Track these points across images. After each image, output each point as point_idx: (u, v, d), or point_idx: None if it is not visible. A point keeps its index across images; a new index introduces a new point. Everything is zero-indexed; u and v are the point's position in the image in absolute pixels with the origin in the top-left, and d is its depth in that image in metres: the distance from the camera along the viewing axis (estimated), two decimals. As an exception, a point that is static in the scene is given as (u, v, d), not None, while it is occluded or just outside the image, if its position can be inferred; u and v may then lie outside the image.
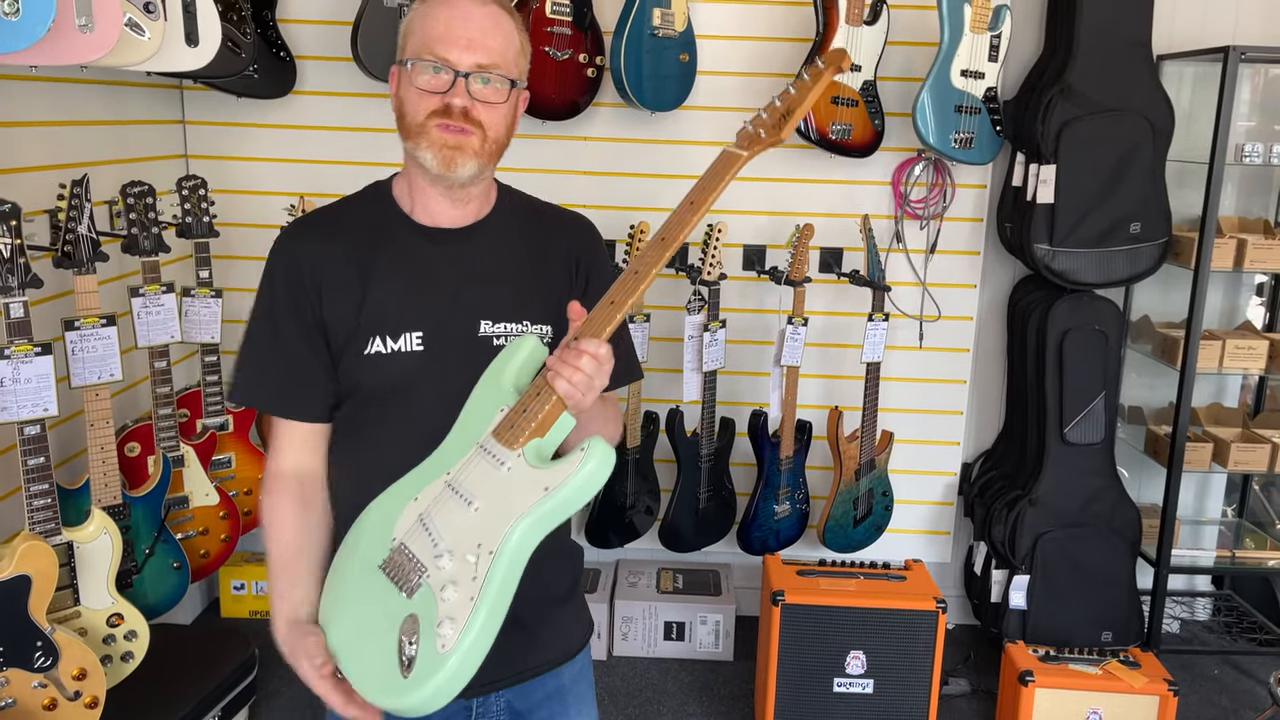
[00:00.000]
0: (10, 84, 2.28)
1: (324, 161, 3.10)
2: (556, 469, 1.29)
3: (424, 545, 1.36)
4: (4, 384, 1.93)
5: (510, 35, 1.42)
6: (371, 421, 1.44)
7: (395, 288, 1.45)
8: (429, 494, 1.39)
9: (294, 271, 1.43)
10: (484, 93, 1.38)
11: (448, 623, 1.28)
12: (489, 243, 1.48)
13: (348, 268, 1.43)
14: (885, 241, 3.17)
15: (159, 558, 2.41)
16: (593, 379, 1.28)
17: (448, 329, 1.43)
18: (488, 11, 1.40)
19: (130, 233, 2.42)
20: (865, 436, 3.10)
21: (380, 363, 1.42)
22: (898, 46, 2.98)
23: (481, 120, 1.38)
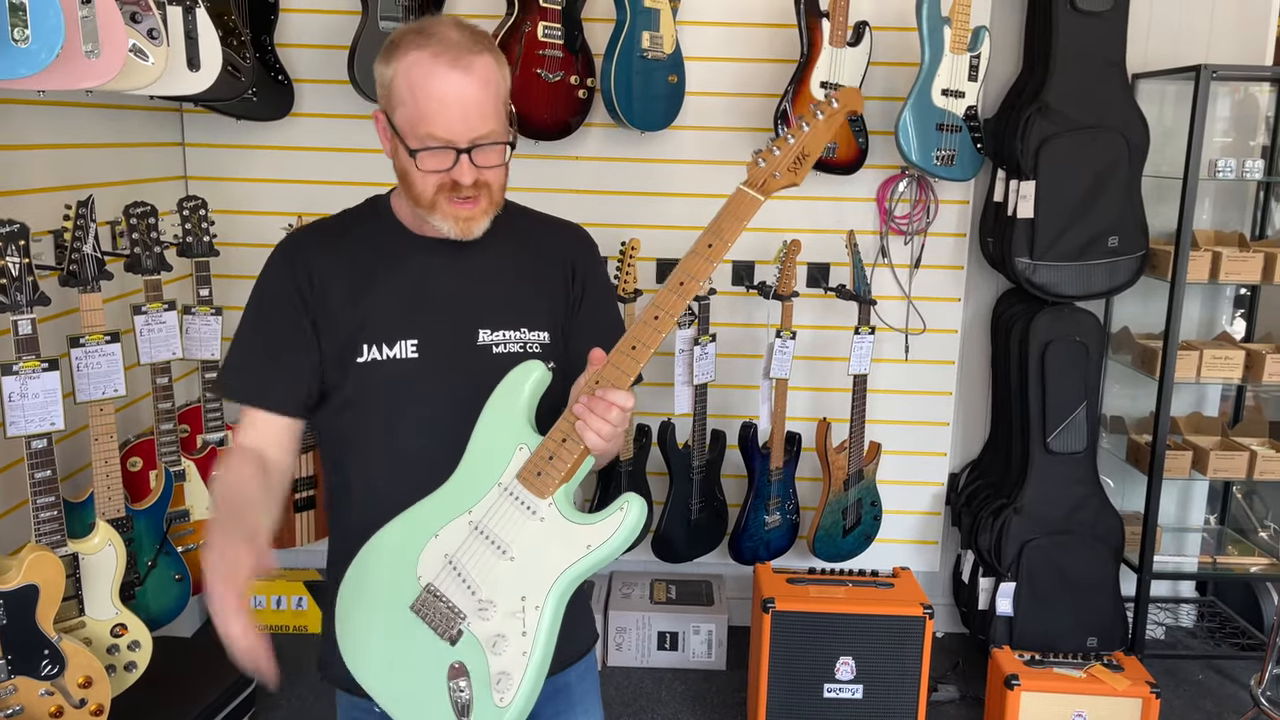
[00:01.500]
0: (18, 108, 2.34)
1: (321, 182, 3.17)
2: (597, 527, 1.35)
3: (459, 592, 1.40)
4: (12, 399, 1.98)
5: (496, 89, 1.41)
6: (367, 430, 1.47)
7: (391, 297, 1.48)
8: (453, 535, 1.42)
9: (289, 277, 1.46)
10: (485, 159, 1.40)
11: (503, 679, 1.36)
12: (494, 251, 1.51)
13: (345, 277, 1.47)
14: (870, 256, 3.24)
15: (161, 570, 2.46)
16: (619, 430, 1.33)
17: (444, 336, 1.47)
18: (473, 78, 1.38)
19: (133, 252, 2.48)
20: (853, 447, 3.16)
21: (374, 370, 1.45)
22: (880, 67, 3.06)
23: (487, 182, 1.42)
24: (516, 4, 2.82)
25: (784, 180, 1.36)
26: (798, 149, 1.35)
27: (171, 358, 2.56)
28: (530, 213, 1.63)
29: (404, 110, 1.39)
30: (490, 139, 1.39)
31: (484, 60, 1.40)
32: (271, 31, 3.01)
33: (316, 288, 1.46)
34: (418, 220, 1.49)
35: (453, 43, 1.39)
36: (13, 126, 2.35)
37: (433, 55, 1.37)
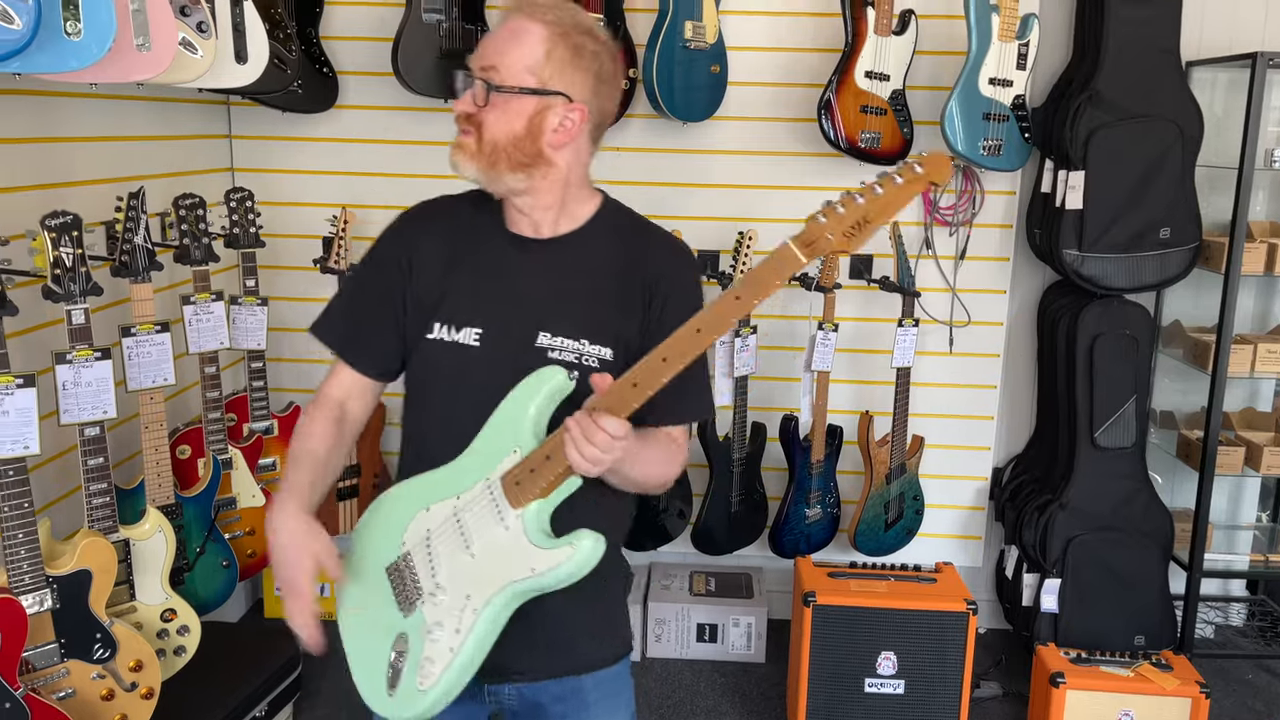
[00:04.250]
0: (71, 101, 2.38)
1: (365, 173, 3.19)
2: (545, 554, 1.37)
3: (424, 569, 1.46)
4: (66, 388, 2.02)
5: (531, 43, 1.42)
6: (425, 401, 1.54)
7: (469, 283, 1.51)
8: (438, 514, 1.47)
9: (395, 245, 1.55)
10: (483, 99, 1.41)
11: (427, 664, 1.41)
12: (571, 256, 1.51)
13: (439, 255, 1.53)
14: (915, 248, 3.20)
15: (209, 556, 2.50)
16: (604, 455, 1.31)
17: (506, 332, 1.48)
18: (508, 25, 1.44)
19: (182, 243, 2.52)
20: (895, 441, 3.13)
21: (438, 349, 1.50)
22: (926, 56, 3.03)
23: (480, 121, 1.42)
24: (559, -5, 2.82)
25: (836, 245, 1.24)
26: (859, 214, 1.22)
27: (219, 347, 2.59)
28: (630, 219, 1.58)
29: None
30: (488, 75, 1.42)
31: (532, 23, 1.43)
32: (317, 24, 3.03)
33: (415, 262, 1.53)
34: (508, 213, 1.52)
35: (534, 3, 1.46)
36: (66, 119, 2.39)
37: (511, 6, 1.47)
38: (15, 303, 1.89)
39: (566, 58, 1.43)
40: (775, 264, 1.26)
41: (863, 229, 1.23)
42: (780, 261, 1.26)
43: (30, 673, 1.87)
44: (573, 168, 1.48)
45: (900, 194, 1.22)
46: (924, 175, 1.21)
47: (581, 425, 1.32)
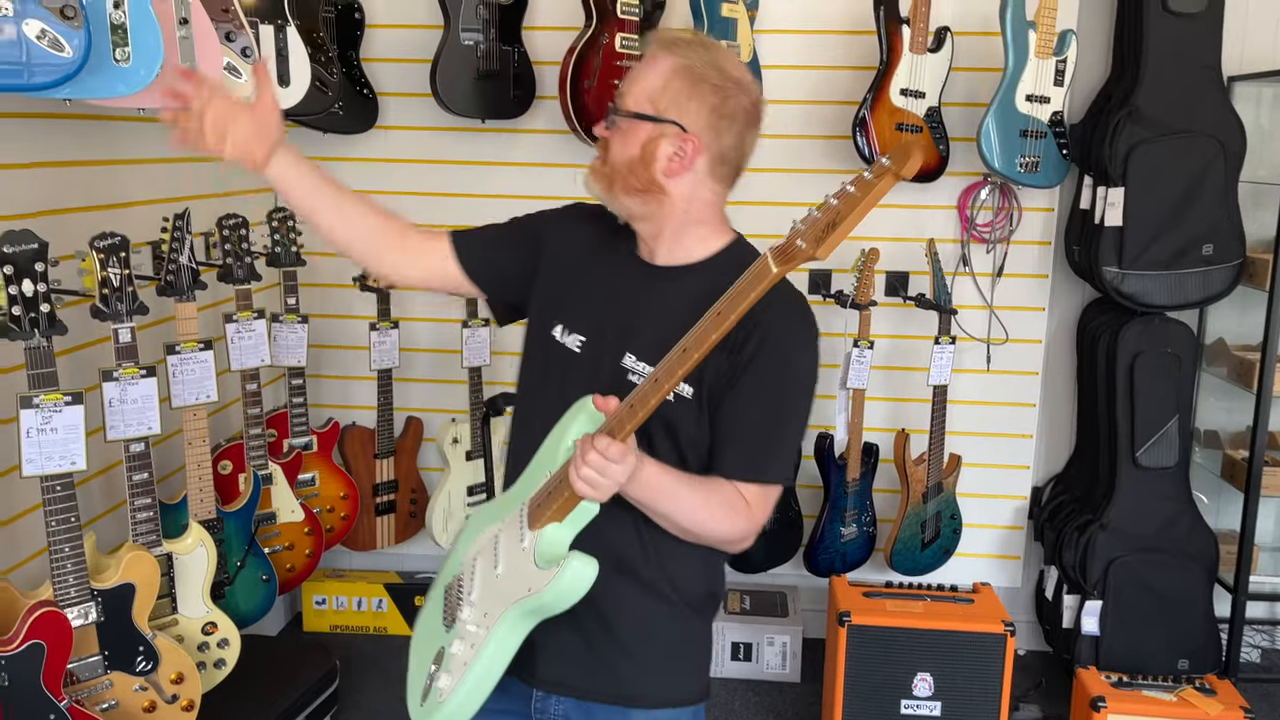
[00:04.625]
0: (120, 124, 2.44)
1: (405, 193, 3.23)
2: (541, 573, 1.38)
3: (468, 588, 1.51)
4: (112, 404, 2.07)
5: (655, 73, 1.48)
6: (530, 391, 1.63)
7: (588, 292, 1.58)
8: (489, 534, 1.52)
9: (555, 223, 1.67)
10: (617, 127, 1.50)
11: (446, 676, 1.45)
12: (678, 288, 1.51)
13: (574, 254, 1.62)
14: (951, 265, 3.18)
15: (249, 570, 2.54)
16: (599, 475, 1.31)
17: (601, 346, 1.53)
18: (649, 53, 1.52)
19: (225, 262, 2.57)
20: (932, 459, 3.11)
21: (554, 347, 1.57)
22: (962, 73, 3.01)
23: (608, 144, 1.51)
24: (594, 16, 2.85)
25: (808, 251, 1.21)
26: (830, 216, 1.19)
27: (260, 364, 2.64)
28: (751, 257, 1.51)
29: None
30: (624, 106, 1.49)
31: (663, 54, 1.50)
32: (358, 46, 3.09)
33: (558, 246, 1.63)
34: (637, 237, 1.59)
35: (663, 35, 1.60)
36: (115, 142, 2.45)
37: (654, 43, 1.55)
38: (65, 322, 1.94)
39: (684, 89, 1.46)
40: (751, 277, 1.26)
41: (832, 232, 1.19)
42: (755, 274, 1.25)
43: (74, 684, 1.91)
44: (690, 201, 1.49)
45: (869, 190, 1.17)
46: (889, 168, 1.17)
47: (579, 446, 1.34)
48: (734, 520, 1.47)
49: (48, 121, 2.18)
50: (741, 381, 1.46)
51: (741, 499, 1.47)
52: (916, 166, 1.17)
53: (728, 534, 1.48)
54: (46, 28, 1.70)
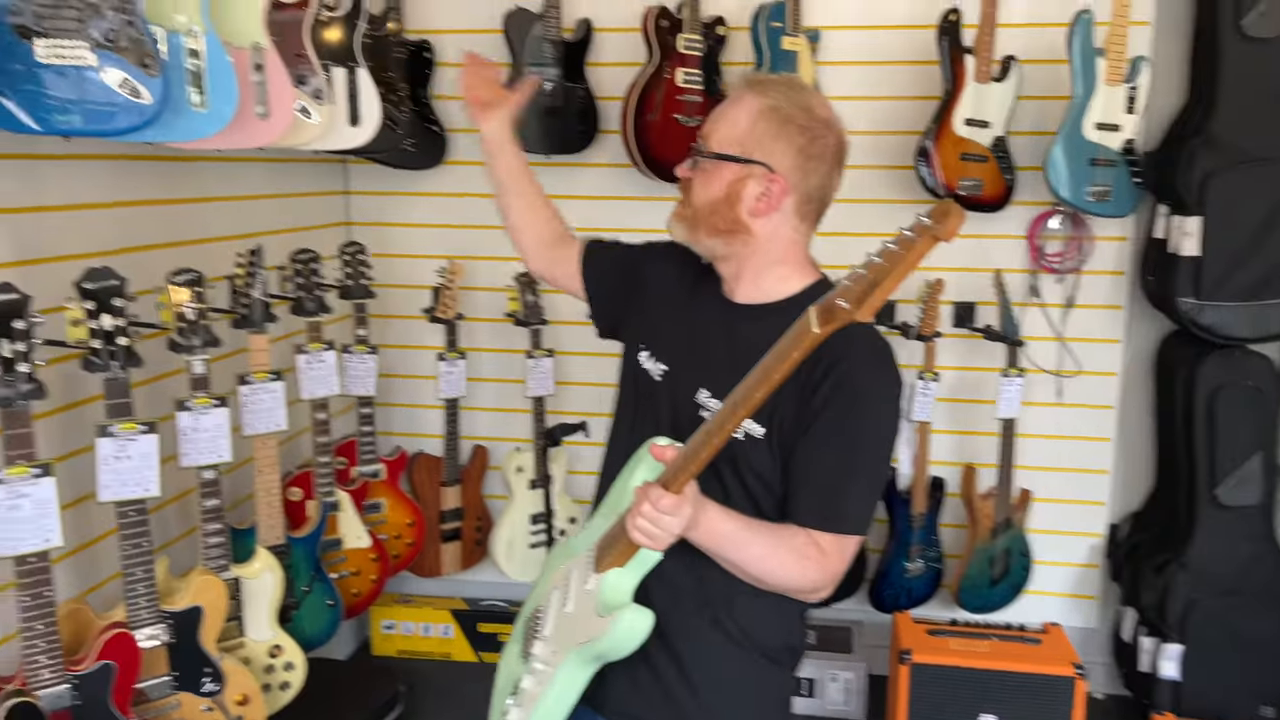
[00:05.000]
0: (199, 165, 2.55)
1: (472, 226, 3.30)
2: (597, 621, 1.39)
3: (544, 620, 1.53)
4: (186, 433, 2.15)
5: (739, 112, 1.49)
6: (620, 412, 1.70)
7: (678, 324, 1.63)
8: (566, 570, 1.54)
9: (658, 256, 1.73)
10: (700, 167, 1.53)
11: (517, 710, 1.48)
12: (757, 327, 1.49)
13: (668, 284, 1.68)
14: (1021, 296, 3.12)
15: (315, 595, 2.60)
16: (652, 526, 1.32)
17: (679, 379, 1.57)
18: (734, 94, 1.54)
19: (297, 295, 2.65)
20: (1001, 494, 3.04)
21: (640, 370, 1.62)
22: (1031, 101, 2.97)
23: (690, 186, 1.53)
24: (656, 51, 2.89)
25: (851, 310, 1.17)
26: (871, 278, 1.16)
27: (329, 394, 2.71)
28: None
29: None
30: (705, 144, 1.52)
31: (749, 95, 1.53)
32: (427, 84, 3.18)
33: (657, 277, 1.71)
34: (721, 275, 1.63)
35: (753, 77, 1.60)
36: (194, 182, 2.56)
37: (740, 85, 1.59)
38: (144, 354, 2.03)
39: (771, 130, 1.48)
40: (794, 336, 1.24)
41: (873, 291, 1.16)
42: (797, 334, 1.24)
43: (144, 704, 1.98)
44: (773, 240, 1.51)
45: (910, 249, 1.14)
46: (929, 228, 1.13)
47: (636, 494, 1.35)
48: (804, 569, 1.45)
49: (130, 163, 2.29)
50: (815, 426, 1.44)
51: (814, 547, 1.45)
52: (956, 229, 1.14)
53: (798, 583, 1.46)
54: (127, 76, 1.79)
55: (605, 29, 3.09)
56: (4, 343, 1.64)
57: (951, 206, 1.15)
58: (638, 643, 1.37)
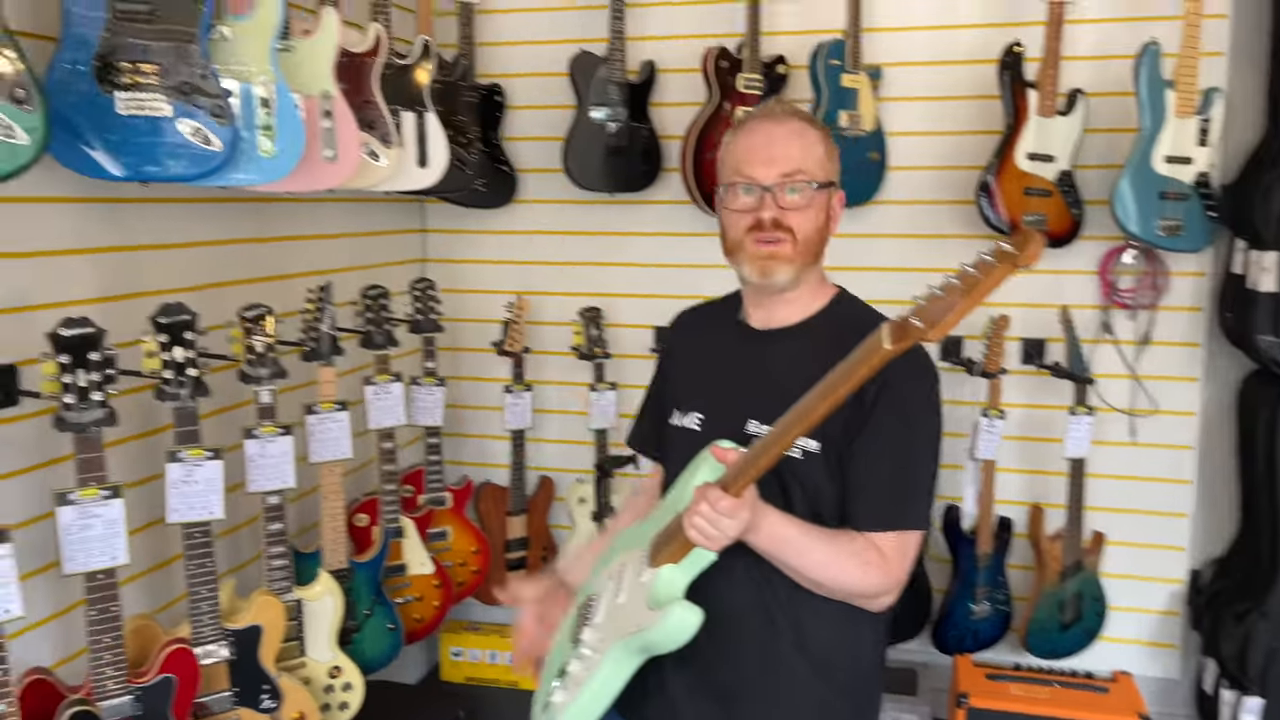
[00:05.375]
0: (272, 206, 2.69)
1: (542, 262, 3.39)
2: (650, 613, 1.41)
3: (596, 610, 1.55)
4: (253, 459, 2.27)
5: (811, 143, 1.53)
6: (667, 478, 1.68)
7: (701, 371, 1.66)
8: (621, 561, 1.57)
9: (669, 344, 1.82)
10: (790, 200, 1.50)
11: (562, 692, 1.51)
12: (794, 347, 1.57)
13: (689, 347, 1.73)
14: (1092, 332, 3.05)
15: (376, 619, 2.69)
16: (709, 526, 1.35)
17: (721, 419, 1.58)
18: (786, 127, 1.54)
19: (367, 329, 2.77)
20: (1070, 536, 2.95)
21: (674, 432, 1.65)
22: (1100, 134, 2.91)
23: (791, 226, 1.51)
24: (716, 90, 2.94)
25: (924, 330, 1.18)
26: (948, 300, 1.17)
27: (396, 424, 2.81)
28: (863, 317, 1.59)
29: (725, 169, 1.58)
30: (795, 177, 1.50)
31: (797, 120, 1.55)
32: (498, 127, 3.29)
33: (670, 356, 1.78)
34: (748, 306, 1.65)
35: (770, 105, 1.60)
36: (269, 223, 2.69)
37: (751, 116, 1.58)
38: (217, 384, 2.16)
39: (833, 150, 1.58)
40: (864, 352, 1.25)
41: (948, 314, 1.16)
42: (868, 350, 1.24)
43: (205, 717, 2.08)
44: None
45: (988, 274, 1.13)
46: (1010, 254, 1.12)
47: (696, 493, 1.38)
48: (866, 572, 1.46)
49: (207, 205, 2.43)
50: (865, 432, 1.48)
51: (875, 551, 1.46)
52: (1036, 256, 1.12)
53: (860, 587, 1.48)
54: (200, 126, 1.93)
55: (668, 70, 3.16)
56: (80, 372, 1.77)
57: (1033, 234, 1.14)
58: (686, 638, 1.39)
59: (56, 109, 1.75)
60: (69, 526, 1.77)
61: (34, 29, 1.86)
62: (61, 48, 1.79)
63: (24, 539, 1.88)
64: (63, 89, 1.78)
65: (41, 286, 1.97)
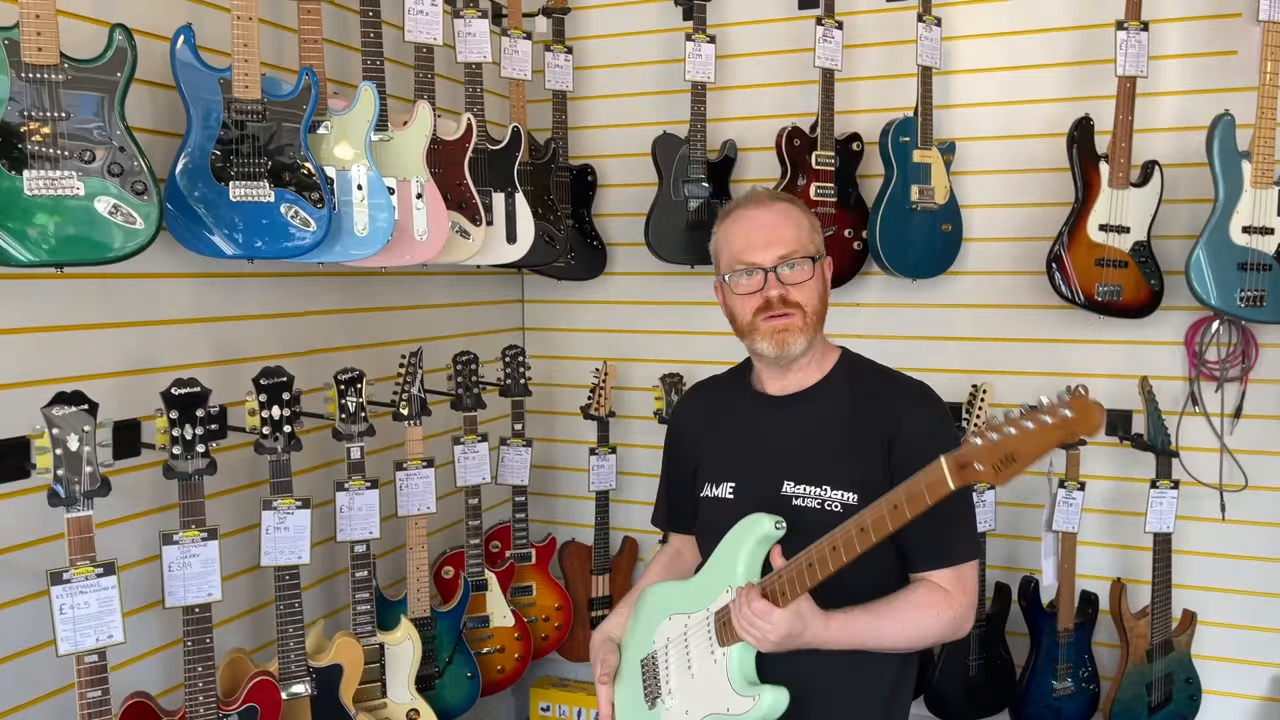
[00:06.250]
0: (369, 279, 2.91)
1: (626, 330, 3.56)
2: (737, 699, 1.52)
3: (664, 672, 1.68)
4: (343, 510, 2.47)
5: (799, 221, 1.69)
6: (704, 548, 1.78)
7: (726, 443, 1.77)
8: (676, 626, 1.67)
9: (677, 425, 1.93)
10: (792, 276, 1.65)
11: None
12: (814, 408, 1.70)
13: (706, 423, 1.83)
14: (1179, 404, 2.98)
15: (456, 667, 2.84)
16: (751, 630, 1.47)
17: (755, 484, 1.69)
18: (773, 210, 1.69)
19: (456, 393, 2.97)
20: (1157, 614, 2.87)
21: (707, 504, 1.76)
22: (1182, 205, 2.89)
23: (798, 300, 1.66)
24: (789, 166, 3.06)
25: (984, 476, 1.24)
26: (1007, 448, 1.22)
27: (481, 482, 2.99)
28: (871, 371, 1.76)
29: (724, 256, 1.73)
30: (793, 256, 1.64)
31: (785, 204, 1.72)
32: (590, 205, 3.49)
33: (684, 434, 1.88)
34: (759, 377, 1.78)
35: (755, 196, 1.75)
36: (377, 294, 2.94)
37: (740, 207, 1.74)
38: (313, 442, 2.38)
39: (816, 222, 1.74)
40: (927, 480, 1.33)
41: (1008, 465, 1.21)
42: (932, 480, 1.33)
43: (287, 747, 2.25)
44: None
45: (1044, 436, 1.18)
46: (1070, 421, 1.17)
47: (739, 594, 1.49)
48: (938, 615, 1.57)
49: (310, 279, 2.68)
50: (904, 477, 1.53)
51: (939, 592, 1.57)
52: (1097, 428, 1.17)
53: (938, 631, 1.58)
54: (298, 209, 2.18)
55: (748, 148, 3.31)
56: (186, 427, 2.00)
57: (1092, 407, 1.18)
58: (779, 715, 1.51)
59: (179, 198, 2.03)
60: (171, 564, 1.99)
61: (155, 126, 2.15)
62: (184, 145, 2.07)
63: (138, 576, 2.13)
64: (185, 181, 2.06)
65: (162, 351, 2.24)
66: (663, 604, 1.73)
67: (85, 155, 1.79)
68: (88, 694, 1.77)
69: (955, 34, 3.08)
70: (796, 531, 1.58)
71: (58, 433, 1.75)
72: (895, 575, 1.63)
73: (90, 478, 1.77)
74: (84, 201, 1.79)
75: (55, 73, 1.74)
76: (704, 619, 1.60)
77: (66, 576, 1.76)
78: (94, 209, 1.81)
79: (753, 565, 1.56)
